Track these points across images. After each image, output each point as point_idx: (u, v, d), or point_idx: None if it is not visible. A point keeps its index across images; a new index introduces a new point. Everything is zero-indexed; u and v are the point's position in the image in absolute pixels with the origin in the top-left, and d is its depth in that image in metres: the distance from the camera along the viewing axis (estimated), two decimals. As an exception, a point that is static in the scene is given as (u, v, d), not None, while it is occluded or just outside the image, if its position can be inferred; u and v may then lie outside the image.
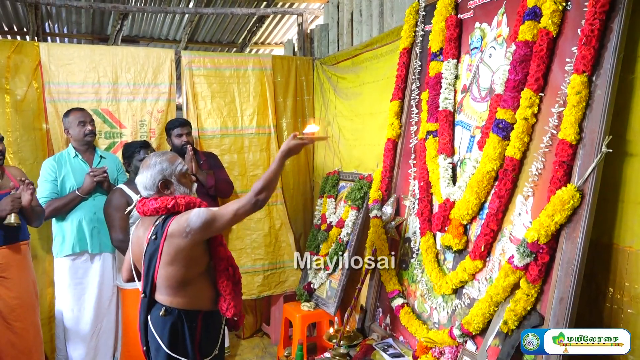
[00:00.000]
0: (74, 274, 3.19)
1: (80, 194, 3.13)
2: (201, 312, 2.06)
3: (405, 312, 2.61)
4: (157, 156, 2.13)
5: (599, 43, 1.78)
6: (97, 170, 3.15)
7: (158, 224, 2.03)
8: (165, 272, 2.01)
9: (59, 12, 5.34)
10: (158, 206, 2.03)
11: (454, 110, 2.55)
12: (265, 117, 4.18)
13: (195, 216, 1.95)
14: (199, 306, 2.06)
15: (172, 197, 2.05)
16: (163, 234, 1.98)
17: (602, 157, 1.73)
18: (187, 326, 2.03)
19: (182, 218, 1.98)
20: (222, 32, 6.25)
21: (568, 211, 1.77)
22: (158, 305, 2.06)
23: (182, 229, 1.95)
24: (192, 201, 2.07)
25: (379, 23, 3.59)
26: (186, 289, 2.03)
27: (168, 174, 2.08)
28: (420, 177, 2.66)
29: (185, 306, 2.04)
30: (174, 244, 1.96)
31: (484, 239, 2.13)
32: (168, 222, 1.99)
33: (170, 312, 2.02)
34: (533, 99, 2.00)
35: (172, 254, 1.97)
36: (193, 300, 2.05)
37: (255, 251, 4.08)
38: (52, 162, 3.21)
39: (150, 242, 2.02)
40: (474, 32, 2.48)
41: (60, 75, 3.58)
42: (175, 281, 2.01)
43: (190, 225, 1.94)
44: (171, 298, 2.03)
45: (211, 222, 1.95)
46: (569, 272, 1.77)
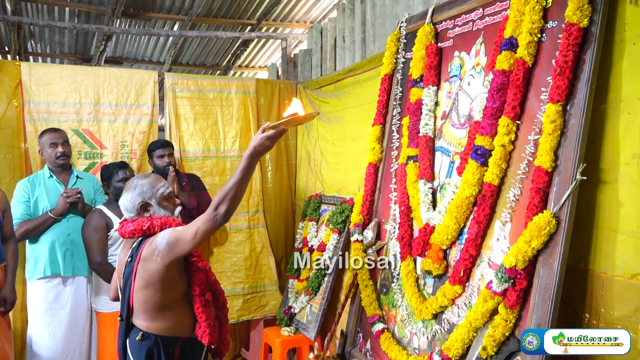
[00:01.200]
0: (45, 298, 3.10)
1: (52, 215, 3.06)
2: (180, 338, 2.01)
3: (386, 338, 2.60)
4: (139, 178, 2.11)
5: (572, 74, 1.84)
6: (71, 192, 3.09)
7: (134, 246, 2.01)
8: (140, 296, 1.97)
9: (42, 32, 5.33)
10: (134, 228, 2.00)
11: (434, 136, 2.59)
12: (247, 140, 4.18)
13: (161, 237, 1.92)
14: (177, 332, 2.01)
15: (148, 219, 2.02)
16: (137, 257, 1.95)
17: (576, 184, 1.77)
18: (163, 353, 1.98)
19: (153, 241, 1.94)
20: (206, 55, 6.30)
21: (545, 237, 1.79)
22: (136, 329, 2.01)
23: (152, 252, 1.92)
24: (167, 222, 2.02)
25: (361, 49, 3.65)
26: (164, 314, 1.99)
27: (148, 197, 2.06)
28: (400, 201, 2.68)
29: (162, 332, 1.99)
30: (147, 267, 1.93)
31: (463, 264, 2.14)
32: (142, 245, 1.96)
33: (147, 337, 1.98)
34: (510, 126, 2.04)
35: (145, 277, 1.94)
36: (171, 326, 2.00)
37: (235, 274, 4.04)
38: (25, 183, 3.15)
39: (127, 265, 2.00)
40: (453, 61, 2.54)
41: (41, 94, 3.55)
42: (151, 306, 1.97)
43: (158, 247, 1.90)
44: (148, 323, 1.99)
45: (174, 243, 1.88)
46: (546, 298, 1.78)
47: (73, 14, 5.01)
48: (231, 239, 4.07)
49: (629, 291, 1.70)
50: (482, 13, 2.36)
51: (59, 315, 3.11)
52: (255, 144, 1.76)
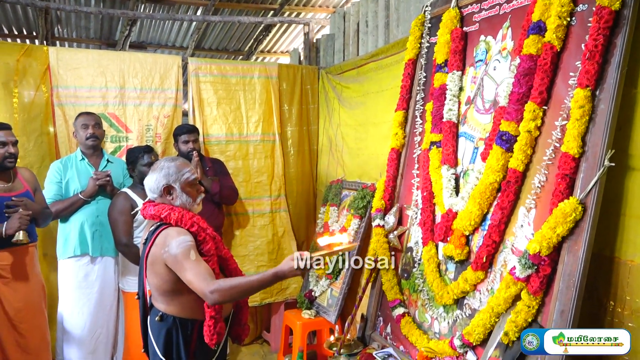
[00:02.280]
0: (75, 277, 3.20)
1: (82, 197, 3.15)
2: (197, 321, 2.01)
3: (406, 322, 2.62)
4: (167, 160, 2.11)
5: (602, 58, 1.81)
6: (100, 174, 3.17)
7: (151, 230, 2.02)
8: (151, 280, 1.99)
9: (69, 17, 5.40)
10: (154, 213, 2.01)
11: (458, 121, 2.57)
12: (270, 125, 4.21)
13: (176, 243, 1.90)
14: (194, 316, 2.01)
15: (168, 207, 2.00)
16: (150, 241, 1.96)
17: (604, 171, 1.75)
18: (182, 334, 1.99)
19: (171, 234, 1.93)
20: (229, 40, 6.31)
21: (570, 224, 1.78)
22: (155, 310, 2.04)
23: (164, 244, 1.92)
24: (183, 219, 1.98)
25: (384, 34, 3.62)
26: (179, 298, 1.99)
27: (172, 180, 2.05)
28: (423, 187, 2.68)
29: (179, 314, 2.00)
30: (155, 255, 1.94)
31: (486, 250, 2.14)
32: (158, 231, 1.97)
33: (165, 318, 2.00)
34: (537, 112, 2.02)
35: (154, 264, 1.95)
36: (187, 309, 2.00)
37: (258, 258, 4.09)
38: (58, 164, 3.25)
39: (143, 248, 2.03)
40: (478, 45, 2.51)
41: (69, 79, 3.62)
42: (163, 290, 1.98)
43: (169, 247, 1.90)
44: (165, 305, 2.01)
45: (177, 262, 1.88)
46: (570, 285, 1.78)
47: (98, -1, 5.07)
48: (254, 223, 4.12)
49: (656, 279, 1.68)
50: (510, -4, 2.32)
51: (87, 293, 3.21)
52: (285, 271, 1.82)
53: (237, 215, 4.08)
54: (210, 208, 3.50)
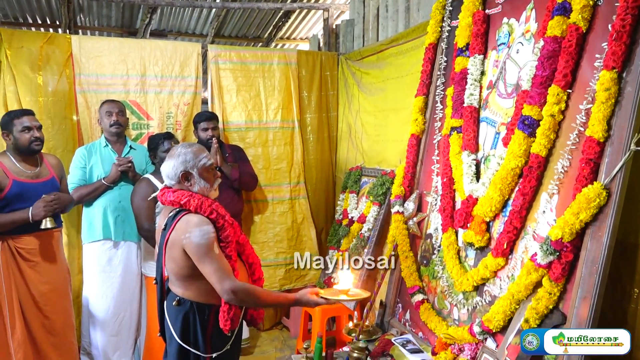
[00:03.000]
0: (99, 261, 3.28)
1: (105, 183, 3.21)
2: (214, 306, 2.03)
3: (425, 308, 2.61)
4: (183, 147, 2.11)
5: (630, 39, 1.75)
6: (122, 160, 3.23)
7: (170, 215, 2.04)
8: (170, 266, 2.02)
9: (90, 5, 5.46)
10: (173, 199, 2.02)
11: (479, 106, 2.52)
12: (289, 112, 4.20)
13: (199, 233, 1.92)
14: (211, 300, 2.03)
15: (188, 194, 2.01)
16: (170, 227, 1.98)
17: (630, 155, 1.70)
18: (199, 319, 2.02)
19: (193, 221, 1.94)
20: (248, 27, 6.30)
21: (594, 209, 1.74)
22: (172, 295, 2.07)
23: (185, 230, 1.93)
24: (203, 205, 1.99)
25: (404, 18, 3.57)
26: (197, 283, 2.01)
27: (190, 166, 2.06)
28: (443, 173, 2.65)
29: (196, 299, 2.02)
30: (176, 241, 1.95)
31: (507, 236, 2.11)
32: (178, 217, 1.98)
33: (182, 302, 2.03)
34: (560, 95, 1.97)
35: (173, 250, 1.97)
36: (204, 294, 2.02)
37: (277, 244, 4.12)
38: (83, 150, 3.32)
39: (162, 233, 2.05)
40: (501, 28, 2.46)
41: (91, 66, 3.67)
42: (181, 275, 2.01)
43: (191, 235, 1.91)
44: (183, 290, 2.04)
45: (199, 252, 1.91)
46: (593, 272, 1.74)
47: (119, -13, 5.10)
48: (274, 210, 4.14)
49: (683, 266, 1.64)
50: (534, -23, 2.26)
51: (111, 277, 3.28)
52: (303, 301, 2.07)
53: (257, 202, 4.10)
54: (229, 194, 3.53)
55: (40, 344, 2.83)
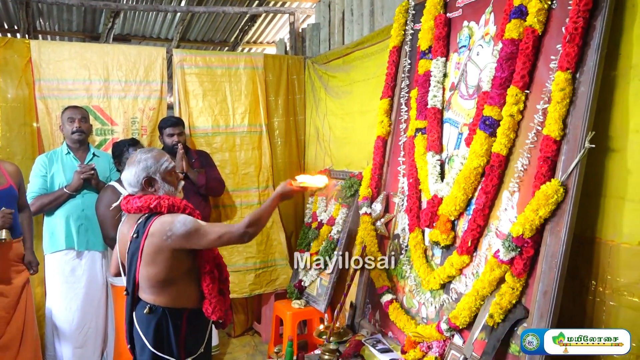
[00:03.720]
0: (62, 271, 3.18)
1: (67, 191, 3.12)
2: (186, 310, 2.04)
3: (394, 308, 2.64)
4: (142, 153, 2.10)
5: (582, 41, 1.82)
6: (85, 167, 3.14)
7: (140, 222, 2.01)
8: (146, 272, 1.99)
9: (50, 9, 5.33)
10: (141, 205, 2.00)
11: (443, 107, 2.57)
12: (257, 116, 4.19)
13: (180, 223, 1.93)
14: (183, 304, 2.04)
15: (155, 197, 2.02)
16: (144, 233, 1.96)
17: (585, 153, 1.77)
18: (171, 324, 2.01)
19: (167, 220, 1.95)
20: (214, 31, 6.27)
21: (552, 206, 1.80)
22: (142, 303, 2.04)
23: (163, 231, 1.93)
24: (175, 204, 2.03)
25: (369, 22, 3.61)
26: (170, 288, 2.01)
27: (152, 172, 2.06)
28: (409, 174, 2.69)
29: (169, 304, 2.02)
30: (155, 244, 1.94)
31: (471, 234, 2.16)
32: (150, 222, 1.97)
33: (154, 310, 2.00)
34: (519, 96, 2.03)
35: (152, 254, 1.96)
36: (177, 298, 2.03)
37: (247, 249, 4.09)
38: (44, 158, 3.22)
39: (133, 241, 2.01)
40: (462, 31, 2.51)
41: (51, 72, 3.58)
42: (157, 281, 1.99)
43: (173, 230, 1.92)
44: (155, 296, 2.02)
45: (194, 234, 1.93)
46: (552, 266, 1.80)
47: (80, -9, 4.99)
48: (242, 215, 4.11)
49: (636, 258, 1.71)
50: (492, -19, 2.33)
51: (75, 288, 3.19)
52: (284, 192, 2.18)
53: (225, 207, 4.07)
54: (196, 200, 3.49)
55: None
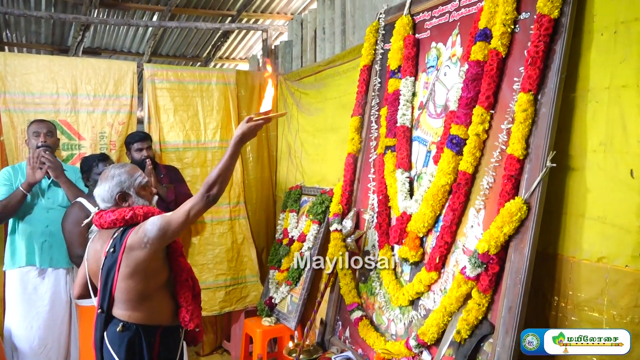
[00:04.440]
0: (23, 289, 3.07)
1: (22, 189, 2.98)
2: (160, 327, 2.03)
3: (364, 325, 2.64)
4: (116, 168, 2.11)
5: (543, 64, 1.89)
6: (34, 153, 2.97)
7: (116, 236, 2.00)
8: (124, 286, 1.97)
9: (18, 21, 5.24)
10: (115, 218, 2.00)
11: (412, 126, 2.62)
12: (228, 131, 4.18)
13: (150, 225, 1.93)
14: (158, 321, 2.03)
15: (129, 209, 2.02)
16: (121, 247, 1.94)
17: (546, 171, 1.82)
18: (145, 342, 1.99)
19: (140, 229, 1.95)
20: (186, 46, 6.25)
21: (516, 223, 1.84)
22: (115, 321, 2.01)
23: (140, 240, 1.93)
24: (150, 211, 2.05)
25: (341, 41, 3.67)
26: (145, 303, 2.00)
27: (127, 187, 2.06)
28: (379, 191, 2.71)
29: (143, 321, 2.00)
30: (134, 256, 1.94)
31: (439, 251, 2.19)
32: (127, 234, 1.96)
33: (128, 327, 1.98)
34: (484, 115, 2.08)
35: (131, 266, 1.94)
36: (152, 315, 2.02)
37: (217, 266, 4.04)
38: (8, 169, 3.16)
39: (109, 255, 1.98)
40: (430, 52, 2.58)
41: (17, 85, 3.51)
42: (135, 294, 1.98)
43: (147, 234, 1.92)
44: (129, 312, 1.99)
45: (166, 227, 1.92)
46: (517, 282, 1.84)
47: (50, 3, 4.92)
48: (213, 231, 4.07)
49: (595, 274, 1.76)
50: (458, 4, 2.40)
51: (37, 307, 3.09)
52: (243, 131, 1.96)
53: (195, 223, 4.02)
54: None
55: None
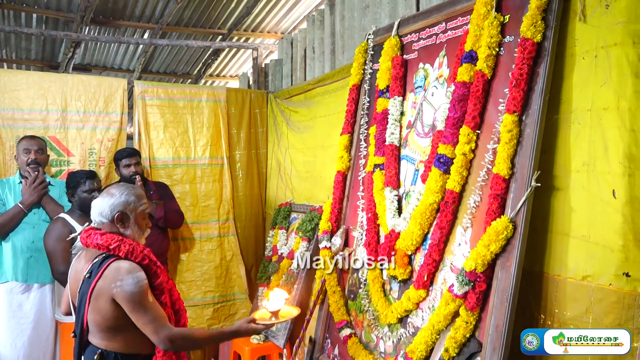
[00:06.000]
0: (8, 305, 3.05)
1: (21, 206, 3.02)
2: (140, 356, 1.95)
3: (353, 342, 2.64)
4: (125, 187, 2.04)
5: (527, 86, 1.93)
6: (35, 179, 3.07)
7: (96, 262, 1.92)
8: (95, 317, 1.89)
9: (8, 37, 5.24)
10: (101, 243, 1.91)
11: (400, 144, 2.66)
12: (218, 148, 4.20)
13: (133, 279, 1.84)
14: (137, 350, 1.94)
15: (119, 238, 1.93)
16: (97, 275, 1.87)
17: (531, 191, 1.86)
18: None
19: (123, 268, 1.86)
20: (177, 64, 6.29)
21: (502, 241, 1.87)
22: (92, 348, 1.93)
23: (115, 279, 1.84)
24: (135, 251, 1.92)
25: (330, 60, 3.72)
26: (122, 334, 1.91)
27: (130, 209, 1.99)
28: (367, 208, 2.74)
29: (123, 350, 1.92)
30: (103, 289, 1.85)
31: (427, 269, 2.21)
32: (105, 264, 1.88)
33: (105, 356, 1.90)
34: (471, 135, 2.12)
35: (99, 300, 1.86)
36: (131, 345, 1.93)
37: (205, 283, 4.02)
38: None
39: (84, 281, 1.93)
40: (418, 72, 2.63)
41: (6, 101, 3.51)
42: (107, 327, 1.90)
43: (123, 282, 1.83)
44: (106, 342, 1.92)
45: (135, 301, 1.82)
46: (503, 300, 1.86)
47: (41, 20, 4.94)
48: (202, 248, 4.06)
49: (580, 292, 1.78)
50: (445, 27, 2.46)
51: (22, 323, 3.05)
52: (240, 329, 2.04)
53: (184, 240, 4.01)
54: (155, 233, 3.42)
55: None
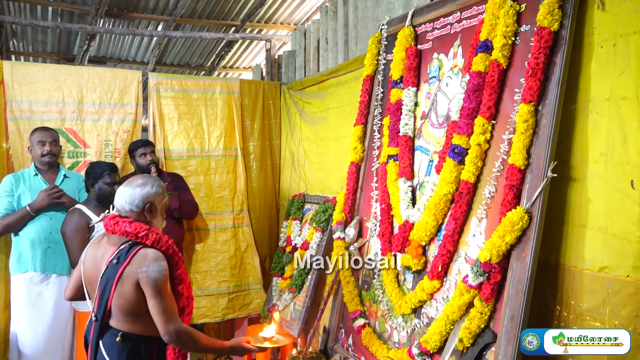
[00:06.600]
0: (28, 294, 3.11)
1: (29, 210, 3.05)
2: (158, 338, 2.01)
3: (367, 333, 2.65)
4: (152, 179, 2.12)
5: (543, 75, 1.91)
6: (54, 189, 3.10)
7: (123, 248, 1.98)
8: (120, 301, 1.97)
9: (25, 30, 5.30)
10: (130, 231, 1.97)
11: (414, 135, 2.65)
12: (232, 140, 4.22)
13: (158, 267, 1.93)
14: (156, 333, 1.99)
15: (146, 227, 1.99)
16: (125, 261, 1.93)
17: (547, 182, 1.85)
18: (144, 352, 2.00)
19: (150, 255, 1.94)
20: (190, 56, 6.31)
21: (517, 232, 1.86)
22: (113, 331, 2.00)
23: (141, 264, 1.92)
24: (162, 240, 2.00)
25: (344, 51, 3.71)
26: (143, 318, 1.98)
27: (158, 200, 2.09)
28: (381, 199, 2.74)
29: (144, 332, 2.01)
30: (130, 273, 1.93)
31: (441, 260, 2.21)
32: (134, 250, 1.95)
33: (128, 337, 1.98)
34: (486, 126, 2.11)
35: (124, 283, 1.94)
36: (150, 327, 1.99)
37: (220, 273, 4.06)
38: (10, 178, 3.17)
39: (110, 266, 1.98)
40: (432, 62, 2.61)
41: (24, 93, 3.55)
42: (131, 310, 1.98)
43: (149, 269, 1.91)
44: (129, 324, 2.00)
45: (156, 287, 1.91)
46: (519, 291, 1.85)
47: (56, 13, 4.99)
48: (216, 238, 4.10)
49: (597, 284, 1.77)
50: (460, 16, 2.44)
51: (41, 312, 3.11)
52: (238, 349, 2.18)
53: (199, 230, 4.05)
54: (170, 223, 3.45)
55: None
